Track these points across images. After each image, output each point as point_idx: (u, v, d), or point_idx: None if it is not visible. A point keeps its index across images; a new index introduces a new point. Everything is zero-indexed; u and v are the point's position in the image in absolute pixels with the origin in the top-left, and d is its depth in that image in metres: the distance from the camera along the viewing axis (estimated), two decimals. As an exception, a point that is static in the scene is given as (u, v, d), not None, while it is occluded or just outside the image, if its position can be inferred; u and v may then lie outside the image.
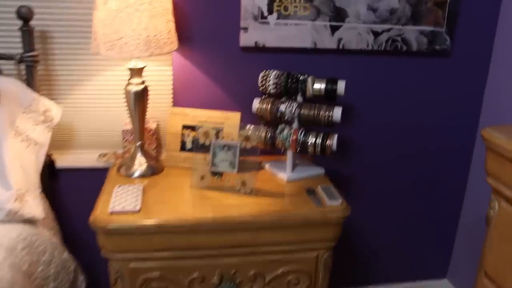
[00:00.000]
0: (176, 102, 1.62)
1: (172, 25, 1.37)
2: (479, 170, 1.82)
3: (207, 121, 1.53)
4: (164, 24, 1.33)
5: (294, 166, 1.52)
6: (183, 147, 1.55)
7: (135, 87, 1.42)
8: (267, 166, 1.55)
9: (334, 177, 1.70)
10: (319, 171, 1.53)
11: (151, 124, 1.60)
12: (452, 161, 1.85)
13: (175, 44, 1.40)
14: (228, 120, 1.52)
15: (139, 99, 1.43)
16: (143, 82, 1.44)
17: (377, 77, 1.67)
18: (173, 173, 1.51)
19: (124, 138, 1.59)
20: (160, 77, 1.60)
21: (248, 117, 1.53)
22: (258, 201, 1.32)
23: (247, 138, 1.34)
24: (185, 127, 1.55)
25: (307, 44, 1.57)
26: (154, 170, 1.51)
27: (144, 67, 1.43)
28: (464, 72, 1.73)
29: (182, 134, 1.54)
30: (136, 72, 1.42)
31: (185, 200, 1.32)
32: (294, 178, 1.47)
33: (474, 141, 1.83)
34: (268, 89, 1.50)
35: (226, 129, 1.51)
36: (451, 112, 1.77)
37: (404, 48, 1.63)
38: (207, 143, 1.38)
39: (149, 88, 1.46)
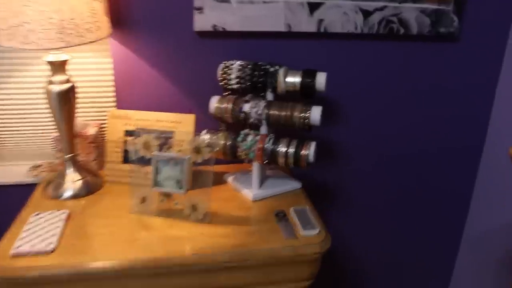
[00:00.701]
0: (120, 102, 1.31)
1: (98, 5, 1.05)
2: (487, 174, 1.52)
3: (154, 125, 1.23)
4: (85, 4, 1.01)
5: (263, 179, 1.22)
6: (126, 158, 1.24)
7: (57, 86, 1.11)
8: (230, 179, 1.25)
9: (314, 188, 1.41)
10: (294, 185, 1.23)
11: (89, 130, 1.30)
12: (457, 165, 1.55)
13: (104, 30, 1.08)
14: (180, 124, 1.22)
15: (64, 101, 1.13)
16: (68, 80, 1.13)
17: (367, 67, 1.36)
18: (114, 191, 1.21)
19: (56, 147, 1.29)
20: (98, 71, 1.29)
21: (206, 119, 1.23)
22: (213, 231, 1.03)
23: (197, 150, 1.03)
24: (128, 133, 1.24)
25: (279, 27, 1.26)
26: (90, 188, 1.21)
27: (67, 60, 1.12)
28: (474, 60, 1.41)
29: (125, 142, 1.24)
30: (58, 66, 1.11)
31: (119, 232, 1.02)
32: (262, 196, 1.17)
33: (483, 141, 1.53)
34: (230, 85, 1.19)
35: (178, 135, 1.20)
36: (457, 108, 1.47)
37: (402, 31, 1.32)
38: (148, 156, 1.07)
39: (87, 85, 1.16)
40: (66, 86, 1.12)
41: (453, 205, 1.60)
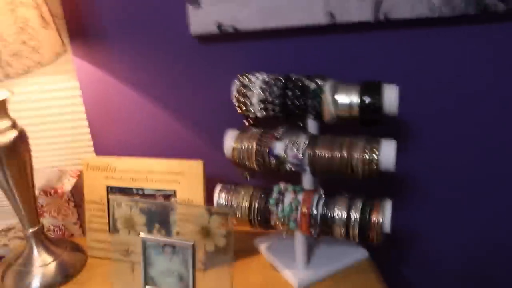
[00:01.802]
0: (98, 145, 0.94)
1: (34, 13, 0.67)
2: None
3: (145, 179, 0.85)
4: (9, 14, 0.63)
5: (311, 249, 0.82)
6: (113, 225, 0.87)
7: (-4, 138, 0.75)
8: (263, 247, 0.85)
9: (387, 258, 0.99)
10: (358, 253, 0.82)
11: (64, 184, 0.93)
12: None
13: (54, 48, 0.70)
14: (184, 177, 0.83)
15: (11, 155, 0.76)
16: (13, 125, 0.76)
17: (451, 67, 0.92)
18: (98, 274, 0.85)
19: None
20: (63, 100, 0.92)
21: (220, 166, 0.84)
22: None
23: (206, 232, 0.64)
24: (112, 189, 0.87)
25: (317, 18, 0.84)
26: (68, 271, 0.86)
27: (6, 99, 0.74)
28: None
29: (109, 202, 0.87)
30: (-6, 109, 0.74)
31: None
32: (312, 280, 0.77)
33: None
34: (251, 112, 0.79)
35: (181, 194, 0.82)
36: None
37: (502, 7, 0.87)
38: (133, 234, 0.69)
39: (52, 120, 0.79)
40: (11, 134, 0.75)
41: None
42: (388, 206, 0.69)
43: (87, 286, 0.82)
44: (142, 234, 0.68)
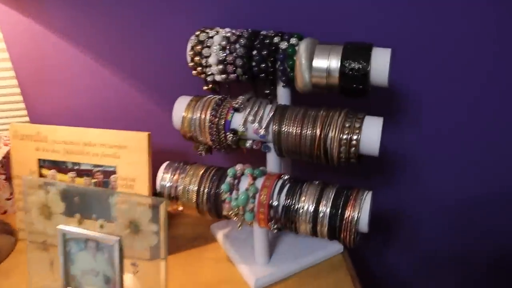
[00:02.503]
0: (32, 108, 0.79)
1: None
2: None
3: (81, 151, 0.71)
4: None
5: (274, 241, 0.70)
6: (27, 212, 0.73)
7: None
8: (219, 236, 0.73)
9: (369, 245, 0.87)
10: (331, 248, 0.70)
11: (-8, 152, 0.79)
12: None
13: None
14: (125, 151, 0.69)
15: None
16: None
17: (456, 30, 0.76)
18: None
19: None
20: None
21: (176, 140, 0.70)
22: None
23: (135, 227, 0.51)
24: (45, 163, 0.73)
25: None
26: (-12, 256, 0.72)
27: None
28: None
29: (41, 177, 0.73)
30: None
31: None
32: (273, 279, 0.64)
33: None
34: (208, 74, 0.65)
35: (122, 171, 0.68)
36: None
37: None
38: (49, 225, 0.56)
39: None
40: None
41: None
42: (367, 199, 0.55)
43: (11, 276, 0.69)
44: (60, 226, 0.55)
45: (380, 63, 0.56)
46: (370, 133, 0.56)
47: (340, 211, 0.55)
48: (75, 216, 0.55)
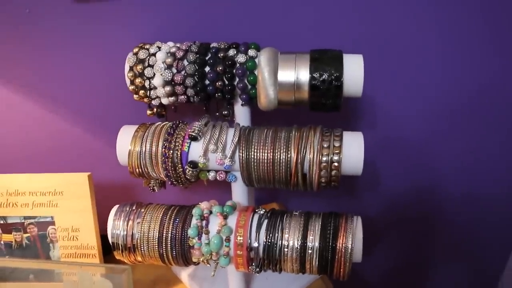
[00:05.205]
0: None
1: None
2: None
3: (7, 202, 0.58)
4: None
5: (249, 277, 0.61)
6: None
7: None
8: (184, 277, 0.64)
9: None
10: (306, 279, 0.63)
11: None
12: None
13: None
14: (62, 197, 0.57)
15: None
16: None
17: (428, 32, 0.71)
18: None
19: None
20: None
21: (115, 175, 0.60)
22: None
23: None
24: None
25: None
26: None
27: None
28: None
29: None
30: None
31: None
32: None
33: None
34: (153, 96, 0.55)
35: (61, 221, 0.57)
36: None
37: None
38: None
39: None
40: None
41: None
42: (358, 225, 0.49)
43: None
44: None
45: (353, 72, 0.50)
46: (352, 152, 0.49)
47: (330, 243, 0.48)
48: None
